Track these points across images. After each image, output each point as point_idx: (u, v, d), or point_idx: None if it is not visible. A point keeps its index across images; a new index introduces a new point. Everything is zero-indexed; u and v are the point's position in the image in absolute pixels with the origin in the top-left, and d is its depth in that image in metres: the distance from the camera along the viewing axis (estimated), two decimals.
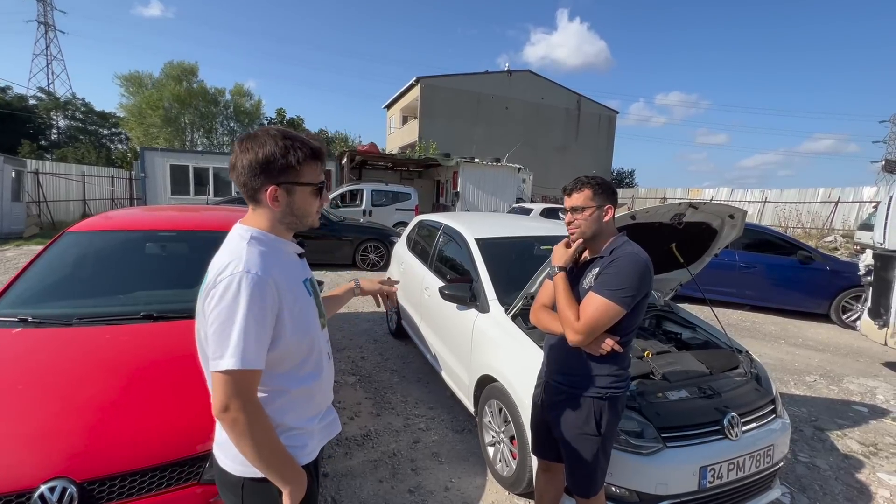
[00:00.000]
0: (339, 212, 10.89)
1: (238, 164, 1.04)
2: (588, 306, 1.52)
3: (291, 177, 1.05)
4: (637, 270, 1.51)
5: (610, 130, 33.21)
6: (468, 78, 28.16)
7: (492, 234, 3.42)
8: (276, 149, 1.02)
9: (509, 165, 17.28)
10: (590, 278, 1.60)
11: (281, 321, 1.02)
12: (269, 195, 1.04)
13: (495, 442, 2.61)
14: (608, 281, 1.51)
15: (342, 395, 3.52)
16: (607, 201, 1.63)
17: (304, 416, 1.14)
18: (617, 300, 1.48)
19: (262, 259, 1.02)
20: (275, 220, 1.09)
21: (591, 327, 1.50)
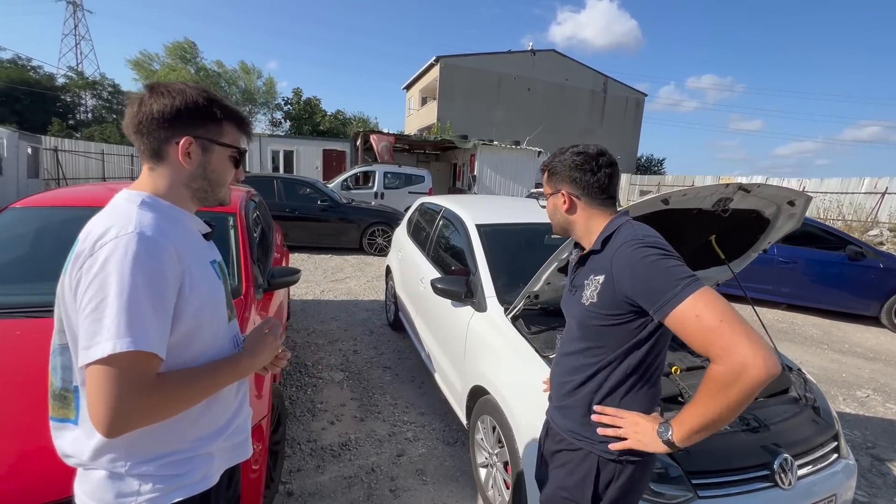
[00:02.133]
0: (350, 194, 10.55)
1: (144, 110, 0.85)
2: (699, 319, 0.89)
3: (212, 132, 0.90)
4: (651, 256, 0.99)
5: (637, 114, 31.79)
6: (489, 57, 27.17)
7: (495, 220, 2.98)
8: (198, 97, 0.87)
9: (529, 149, 16.61)
10: (590, 289, 1.09)
11: (182, 297, 0.82)
12: (182, 148, 0.87)
13: (488, 464, 2.23)
14: (651, 280, 0.96)
15: (326, 394, 3.19)
16: (561, 183, 1.18)
17: (193, 433, 0.91)
18: (696, 283, 0.92)
19: (158, 222, 0.83)
20: (178, 182, 0.90)
21: (738, 334, 0.86)
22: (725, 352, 0.86)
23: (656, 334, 1.06)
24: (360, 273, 6.86)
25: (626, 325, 1.05)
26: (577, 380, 1.16)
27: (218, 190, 0.96)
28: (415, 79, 30.87)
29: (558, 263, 1.94)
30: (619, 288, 1.02)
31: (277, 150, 15.92)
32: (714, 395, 0.89)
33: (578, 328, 1.15)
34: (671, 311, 0.92)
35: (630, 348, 1.07)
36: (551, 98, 28.35)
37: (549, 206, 1.26)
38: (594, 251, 1.13)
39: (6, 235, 2.29)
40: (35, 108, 29.32)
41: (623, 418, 1.07)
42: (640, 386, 1.10)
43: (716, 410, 0.89)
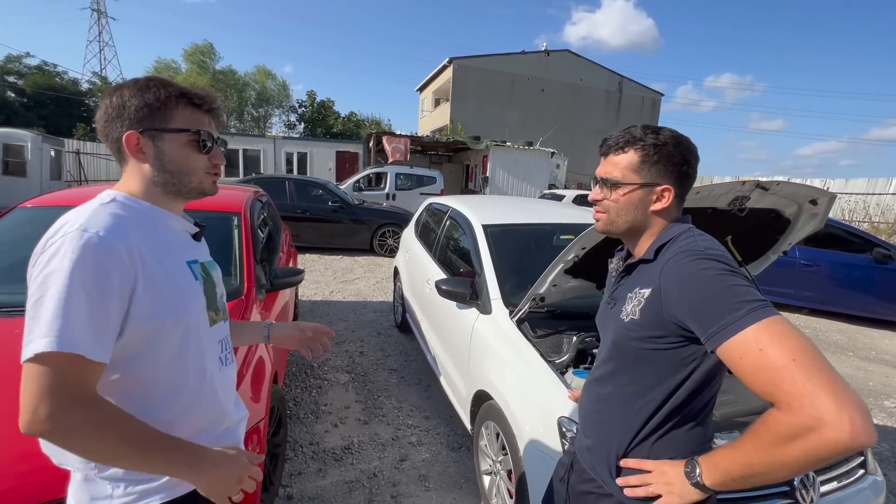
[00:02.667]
0: (362, 195, 10.58)
1: (98, 117, 0.86)
2: (763, 353, 0.71)
3: (157, 121, 0.85)
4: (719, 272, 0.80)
5: (654, 114, 31.29)
6: (503, 58, 27.07)
7: (503, 221, 2.92)
8: (129, 90, 0.84)
9: (542, 150, 16.47)
10: (632, 304, 0.92)
11: (136, 299, 0.78)
12: (129, 143, 0.84)
13: (492, 472, 2.16)
14: (709, 301, 0.78)
15: (331, 396, 3.15)
16: (663, 177, 0.93)
17: (176, 432, 0.84)
18: (764, 309, 0.74)
19: (114, 221, 0.79)
20: (147, 181, 0.87)
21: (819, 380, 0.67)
22: (796, 400, 0.67)
23: (711, 366, 0.87)
24: (370, 274, 6.85)
25: (672, 352, 0.87)
26: (606, 414, 1.01)
27: (186, 180, 0.89)
28: (428, 80, 30.94)
29: (564, 265, 1.87)
30: (667, 305, 0.84)
31: (291, 152, 16.06)
32: (767, 446, 0.71)
33: (611, 348, 0.99)
34: (728, 339, 0.74)
35: (675, 381, 0.89)
36: (565, 98, 28.09)
37: (628, 198, 0.95)
38: (645, 260, 0.95)
39: (15, 234, 2.32)
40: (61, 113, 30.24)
41: (650, 470, 0.91)
42: (682, 424, 0.92)
43: (765, 464, 0.72)
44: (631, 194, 0.95)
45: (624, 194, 0.96)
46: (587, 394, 1.10)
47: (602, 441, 1.01)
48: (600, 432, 1.02)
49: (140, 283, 0.79)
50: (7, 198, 10.58)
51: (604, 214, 1.01)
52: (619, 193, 0.96)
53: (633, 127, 0.98)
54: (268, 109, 31.11)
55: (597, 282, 2.14)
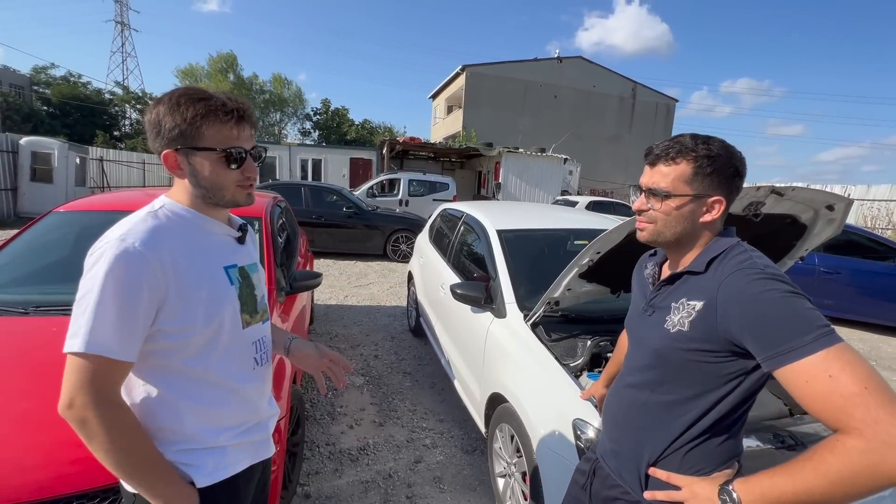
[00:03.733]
0: (375, 201, 10.69)
1: (147, 131, 0.93)
2: (834, 380, 0.72)
3: (188, 139, 0.89)
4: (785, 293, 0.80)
5: (668, 120, 31.01)
6: (515, 65, 27.16)
7: (517, 226, 2.95)
8: (163, 107, 0.88)
9: (555, 156, 16.46)
10: (682, 314, 0.92)
11: (168, 305, 0.85)
12: (167, 161, 0.91)
13: (506, 474, 2.18)
14: (774, 321, 0.78)
15: (346, 398, 3.20)
16: (715, 189, 0.92)
17: (199, 424, 0.93)
18: (832, 336, 0.75)
19: (153, 233, 0.86)
20: (189, 192, 0.94)
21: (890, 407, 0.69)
22: (869, 427, 0.67)
23: (755, 381, 0.88)
24: (384, 279, 6.92)
25: (719, 365, 0.88)
26: (642, 421, 1.00)
27: (220, 194, 0.94)
28: (441, 87, 31.18)
29: (579, 269, 1.90)
30: (723, 322, 0.84)
31: (306, 159, 16.33)
32: (832, 473, 0.70)
33: (653, 357, 0.98)
34: (793, 362, 0.75)
35: (718, 394, 0.89)
36: (578, 105, 28.04)
37: (679, 210, 0.94)
38: (693, 272, 0.94)
39: (49, 238, 2.43)
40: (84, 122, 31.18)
41: (679, 486, 0.90)
42: (717, 435, 0.92)
43: (822, 491, 0.70)
44: (682, 206, 0.94)
45: (676, 207, 0.94)
46: (616, 399, 1.11)
47: (633, 447, 1.01)
48: (631, 439, 1.02)
49: (171, 292, 0.86)
50: (35, 204, 10.96)
51: (650, 225, 0.99)
52: (669, 205, 0.95)
53: (681, 136, 0.96)
54: (282, 116, 31.68)
55: (611, 286, 2.15)
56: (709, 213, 0.94)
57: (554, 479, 1.72)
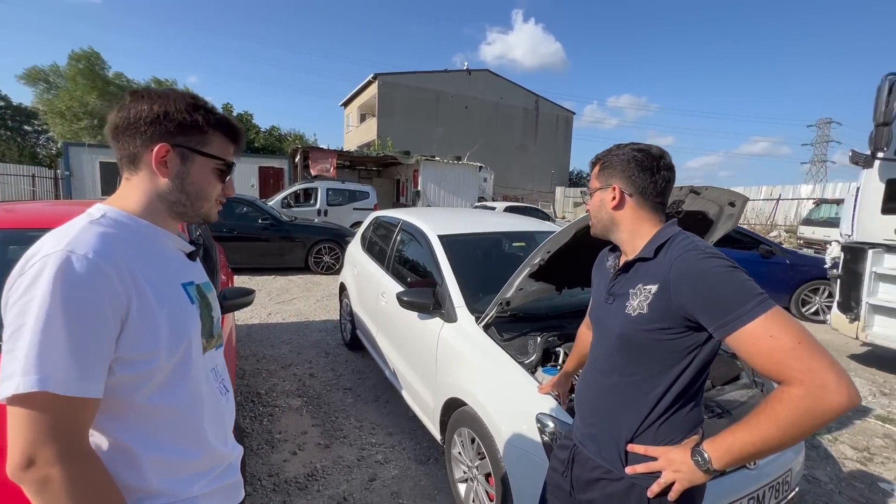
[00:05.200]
0: (292, 212, 10.13)
1: (122, 115, 0.79)
2: (774, 339, 0.83)
3: (194, 140, 0.82)
4: (731, 269, 0.91)
5: (567, 131, 33.81)
6: (427, 76, 27.73)
7: (457, 231, 2.99)
8: (179, 103, 0.80)
9: (471, 164, 17.04)
10: (640, 298, 1.01)
11: (130, 325, 0.72)
12: (157, 155, 0.79)
13: (468, 478, 2.18)
14: (720, 294, 0.88)
15: (284, 423, 2.97)
16: (615, 180, 1.09)
17: (174, 474, 0.81)
18: (768, 302, 0.86)
19: (104, 241, 0.72)
20: (153, 196, 0.82)
21: (819, 358, 0.81)
22: (807, 375, 0.80)
23: (708, 352, 0.98)
24: (309, 293, 6.56)
25: (678, 341, 0.97)
26: (615, 402, 1.07)
27: (199, 205, 0.86)
28: (353, 96, 30.68)
29: (531, 269, 1.97)
30: (677, 299, 0.93)
31: None
32: (781, 419, 0.82)
33: (618, 341, 1.06)
34: (740, 328, 0.85)
35: (679, 368, 0.98)
36: (487, 115, 29.40)
37: (593, 202, 1.15)
38: (644, 258, 1.04)
39: None
40: None
41: (656, 456, 0.98)
42: (683, 406, 1.01)
43: (777, 436, 0.83)
44: (594, 197, 1.15)
45: (592, 198, 1.16)
46: (589, 386, 1.17)
47: (610, 429, 1.07)
48: (607, 420, 1.08)
49: (133, 309, 0.72)
50: None
51: (591, 220, 1.19)
52: (590, 199, 1.17)
53: (611, 147, 1.15)
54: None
55: (555, 283, 2.28)
56: (614, 199, 1.09)
57: (521, 474, 1.76)
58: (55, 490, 0.63)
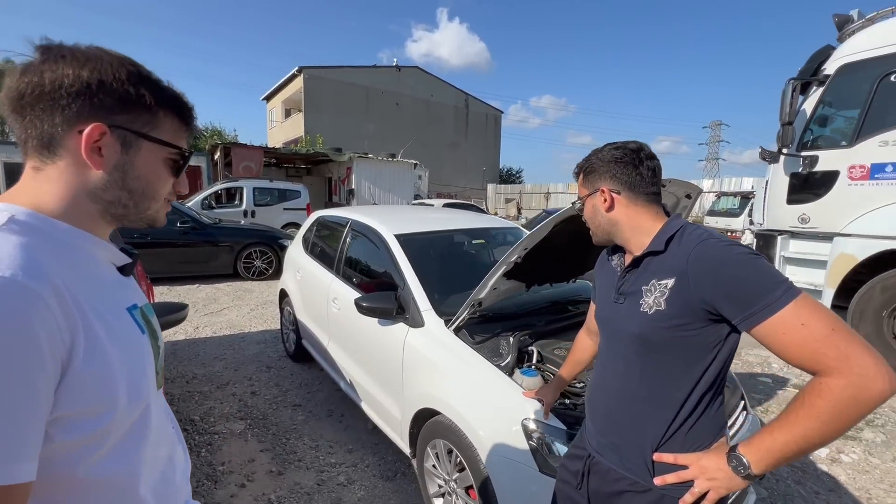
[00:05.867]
0: (214, 213, 9.25)
1: (31, 80, 0.55)
2: (806, 327, 0.79)
3: (140, 122, 0.62)
4: (758, 258, 0.88)
5: (496, 129, 34.72)
6: (355, 71, 26.95)
7: (414, 230, 2.83)
8: (119, 70, 0.59)
9: (405, 161, 16.82)
10: (655, 294, 0.95)
11: (73, 375, 0.51)
12: (89, 139, 0.57)
13: (444, 492, 2.05)
14: (746, 283, 0.84)
15: (227, 451, 2.63)
16: (600, 182, 1.06)
17: None
18: (794, 288, 0.82)
19: (28, 255, 0.51)
20: (80, 191, 0.60)
21: (855, 344, 0.78)
22: (844, 363, 0.76)
23: (731, 346, 0.94)
24: (240, 302, 6.01)
25: (700, 336, 0.92)
26: (637, 408, 1.01)
27: (145, 205, 0.66)
28: (276, 89, 28.93)
29: (507, 267, 1.89)
30: (697, 291, 0.89)
31: None
32: (823, 413, 0.77)
33: (636, 341, 0.99)
34: (768, 318, 0.81)
35: (703, 365, 0.94)
36: (418, 112, 29.27)
37: (587, 210, 1.12)
38: (654, 252, 0.98)
39: None
40: None
41: (686, 465, 0.93)
42: (710, 405, 0.97)
43: (819, 431, 0.78)
44: (587, 206, 1.12)
45: (585, 206, 1.13)
46: (602, 392, 1.10)
47: (634, 437, 1.00)
48: (630, 429, 1.02)
49: (79, 349, 0.52)
50: None
51: (591, 230, 1.15)
52: (584, 209, 1.14)
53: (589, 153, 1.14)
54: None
55: (525, 281, 2.22)
56: (606, 201, 1.06)
57: (507, 483, 1.67)
58: None
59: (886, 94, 3.82)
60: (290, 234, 8.58)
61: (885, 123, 3.81)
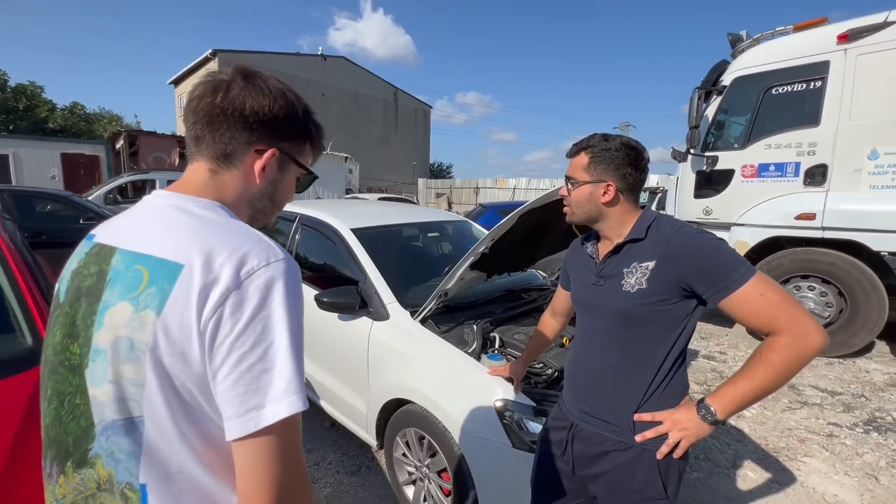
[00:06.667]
0: (121, 209, 8.30)
1: (232, 101, 0.66)
2: (764, 297, 0.97)
3: (295, 148, 0.76)
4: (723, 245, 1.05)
5: (426, 124, 34.82)
6: (277, 57, 25.46)
7: (369, 224, 2.82)
8: (297, 105, 0.73)
9: (336, 154, 16.34)
10: (637, 275, 1.09)
11: None
12: (265, 160, 0.71)
13: (416, 479, 2.11)
14: (716, 264, 1.01)
15: None
16: (606, 175, 1.13)
17: None
18: (752, 267, 1.01)
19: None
20: (242, 197, 0.73)
21: (800, 309, 0.97)
22: (793, 323, 0.94)
23: (697, 317, 1.09)
24: None
25: (675, 310, 1.06)
26: (619, 376, 1.13)
27: (276, 213, 0.81)
28: (186, 73, 26.40)
29: (475, 258, 1.97)
30: (677, 271, 1.03)
31: None
32: (776, 364, 0.95)
33: (617, 318, 1.12)
34: (736, 290, 0.98)
35: (675, 334, 1.08)
36: (347, 105, 28.43)
37: (580, 193, 1.17)
38: (636, 239, 1.12)
39: None
40: None
41: (661, 422, 1.07)
42: (679, 368, 1.12)
43: (773, 380, 0.96)
44: (582, 189, 1.16)
45: (579, 189, 1.17)
46: (583, 366, 1.23)
47: (615, 402, 1.14)
48: (611, 395, 1.15)
49: None
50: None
51: (569, 208, 1.21)
52: (575, 189, 1.17)
53: (593, 134, 1.17)
54: None
55: (486, 271, 2.33)
56: (605, 195, 1.14)
57: (483, 462, 1.77)
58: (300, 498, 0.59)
59: (769, 105, 4.49)
60: None
61: (768, 129, 4.48)
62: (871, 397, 3.42)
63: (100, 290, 0.62)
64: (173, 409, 0.58)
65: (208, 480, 0.61)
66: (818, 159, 4.17)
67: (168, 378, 0.57)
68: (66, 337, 0.64)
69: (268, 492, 0.55)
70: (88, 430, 0.61)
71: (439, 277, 2.61)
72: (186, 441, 0.59)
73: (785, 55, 4.36)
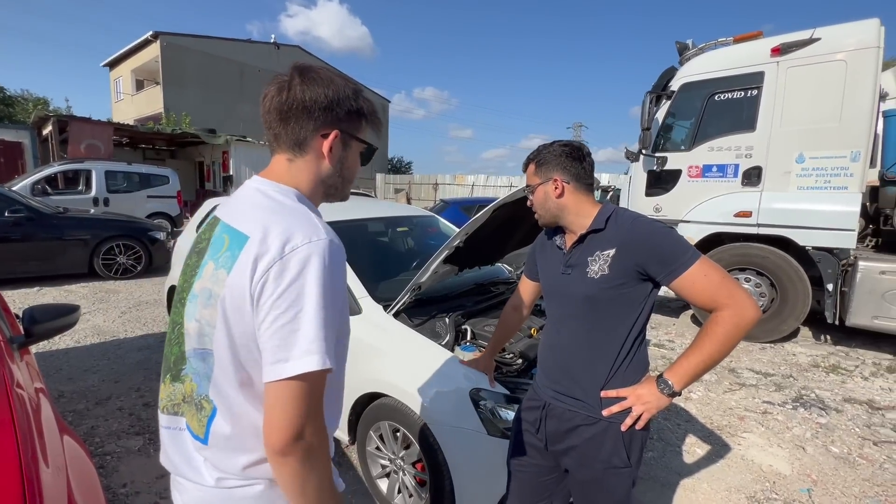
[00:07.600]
0: (51, 201, 7.60)
1: (294, 96, 0.78)
2: (707, 277, 1.09)
3: (354, 126, 0.86)
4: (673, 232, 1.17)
5: (384, 118, 34.37)
6: (226, 44, 24.15)
7: (336, 218, 2.77)
8: (346, 89, 0.83)
9: None
10: (600, 262, 1.19)
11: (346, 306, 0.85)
12: (330, 141, 0.83)
13: (390, 471, 2.12)
14: (667, 249, 1.12)
15: (127, 470, 2.31)
16: (551, 172, 1.26)
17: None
18: (697, 251, 1.13)
19: (327, 225, 0.79)
20: (317, 178, 0.86)
21: (737, 286, 1.10)
22: (732, 299, 1.07)
23: (654, 300, 1.21)
24: (105, 305, 5.13)
25: (634, 292, 1.17)
26: (587, 356, 1.22)
27: (348, 187, 0.92)
28: (123, 55, 24.45)
29: (449, 252, 2.00)
30: (634, 257, 1.14)
31: None
32: (720, 335, 1.08)
33: (584, 302, 1.21)
34: (683, 272, 1.10)
35: (635, 315, 1.19)
36: None
37: (537, 196, 1.30)
38: (597, 230, 1.21)
39: None
40: None
41: (626, 396, 1.17)
42: (639, 347, 1.22)
43: (718, 350, 1.08)
44: (538, 192, 1.30)
45: (535, 193, 1.31)
46: (553, 350, 1.32)
47: (583, 380, 1.23)
48: (581, 374, 1.24)
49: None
50: None
51: (538, 214, 1.33)
52: (534, 194, 1.31)
53: (538, 146, 1.33)
54: None
55: (458, 265, 2.36)
56: (557, 189, 1.26)
57: (458, 451, 1.81)
58: (315, 459, 0.71)
59: (712, 110, 4.84)
60: (163, 226, 7.53)
61: (711, 133, 4.83)
62: (797, 377, 3.80)
63: (204, 250, 0.81)
64: (232, 350, 0.74)
65: (249, 408, 0.76)
66: (754, 162, 4.54)
67: (229, 325, 0.72)
68: (184, 282, 0.84)
69: (283, 430, 0.67)
70: (182, 354, 0.82)
71: (409, 272, 2.63)
72: (238, 375, 0.75)
73: (726, 64, 4.71)
